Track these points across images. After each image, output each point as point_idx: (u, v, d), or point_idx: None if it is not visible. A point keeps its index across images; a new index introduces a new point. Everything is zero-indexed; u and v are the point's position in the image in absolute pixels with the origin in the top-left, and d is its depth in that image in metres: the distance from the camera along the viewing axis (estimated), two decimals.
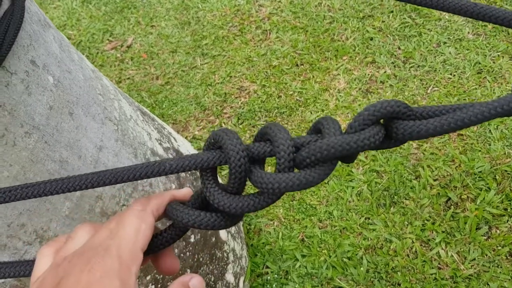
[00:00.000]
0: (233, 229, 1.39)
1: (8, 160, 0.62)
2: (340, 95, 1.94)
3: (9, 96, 0.62)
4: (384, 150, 1.73)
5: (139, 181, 0.94)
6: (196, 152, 1.40)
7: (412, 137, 0.35)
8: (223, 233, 1.27)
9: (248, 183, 0.39)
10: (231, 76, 2.16)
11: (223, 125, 1.98)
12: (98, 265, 0.35)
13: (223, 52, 2.28)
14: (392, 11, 2.21)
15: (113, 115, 0.92)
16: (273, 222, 1.67)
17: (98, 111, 0.85)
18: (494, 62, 1.90)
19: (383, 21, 2.18)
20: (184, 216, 0.40)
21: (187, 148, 1.35)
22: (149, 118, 1.21)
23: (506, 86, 1.81)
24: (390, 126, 0.36)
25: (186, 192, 0.45)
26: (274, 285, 1.51)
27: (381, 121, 0.37)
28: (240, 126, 1.95)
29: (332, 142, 0.34)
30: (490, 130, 1.67)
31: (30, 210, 0.67)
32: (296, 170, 0.37)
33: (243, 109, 2.01)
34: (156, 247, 0.42)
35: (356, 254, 1.53)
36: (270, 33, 2.29)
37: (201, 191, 0.42)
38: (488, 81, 1.85)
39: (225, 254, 1.28)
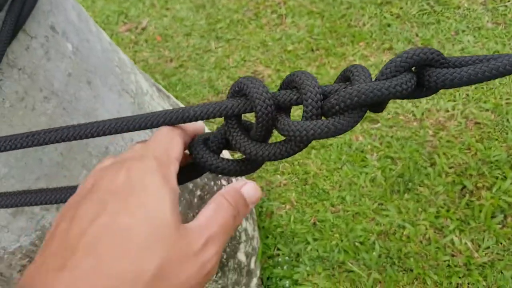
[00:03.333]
0: None
1: (27, 124, 0.62)
2: None
3: (29, 59, 0.61)
4: (399, 137, 1.71)
5: None
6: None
7: (445, 85, 0.34)
8: None
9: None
10: (245, 60, 2.15)
11: None
12: (136, 165, 0.34)
13: (238, 36, 2.26)
14: None
15: (130, 88, 0.91)
16: (285, 206, 1.66)
17: (115, 83, 0.85)
18: None
19: (401, 8, 2.14)
20: (207, 159, 0.40)
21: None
22: (164, 95, 1.20)
23: None
24: (422, 74, 0.36)
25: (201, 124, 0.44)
26: (285, 267, 1.51)
27: (413, 69, 0.36)
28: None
29: (363, 88, 0.33)
30: (507, 119, 1.64)
31: (47, 175, 0.67)
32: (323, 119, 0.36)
33: None
34: (184, 179, 0.42)
35: (369, 239, 1.52)
36: (285, 18, 2.26)
37: (222, 135, 0.42)
38: None
39: (237, 233, 1.28)
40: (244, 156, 0.41)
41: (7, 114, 0.58)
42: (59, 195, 0.43)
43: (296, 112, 1.80)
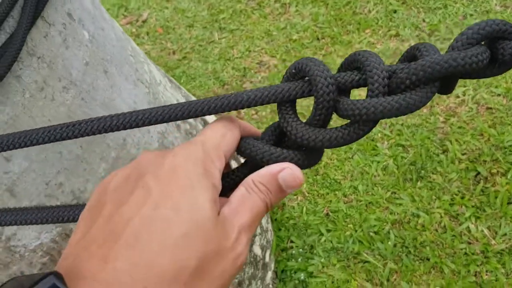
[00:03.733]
0: None
1: (47, 115, 0.59)
2: None
3: (47, 47, 0.58)
4: (409, 124, 1.69)
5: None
6: None
7: None
8: None
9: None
10: (250, 51, 2.11)
11: None
12: (182, 151, 0.33)
13: (241, 26, 2.22)
14: None
15: (144, 78, 0.88)
16: (297, 197, 1.64)
17: (130, 72, 0.82)
18: None
19: None
20: (259, 152, 0.36)
21: (213, 119, 1.32)
22: (176, 86, 1.17)
23: None
24: (496, 47, 0.33)
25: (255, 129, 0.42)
26: (299, 259, 1.49)
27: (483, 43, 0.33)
28: None
29: (437, 59, 0.31)
30: None
31: (67, 169, 0.64)
32: None
33: (263, 83, 1.97)
34: (227, 187, 0.39)
35: (383, 229, 1.50)
36: (289, 7, 2.23)
37: (274, 128, 0.39)
38: None
39: None
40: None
41: (27, 104, 0.55)
42: (65, 213, 0.40)
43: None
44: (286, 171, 0.36)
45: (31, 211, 0.40)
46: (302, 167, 0.37)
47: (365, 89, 0.34)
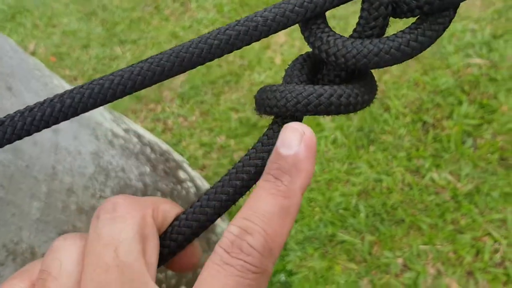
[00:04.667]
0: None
1: None
2: (284, 49, 1.81)
3: None
4: None
5: (110, 167, 0.73)
6: (152, 136, 1.19)
7: None
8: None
9: None
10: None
11: (167, 109, 1.77)
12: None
13: (144, 35, 2.05)
14: None
15: (57, 92, 0.70)
16: None
17: (39, 87, 0.65)
18: None
19: None
20: (299, 97, 0.24)
21: (143, 131, 1.15)
22: None
23: None
24: None
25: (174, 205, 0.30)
26: None
27: None
28: (186, 106, 1.75)
29: None
30: (443, 46, 1.63)
31: None
32: None
33: (184, 88, 1.81)
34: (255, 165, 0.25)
35: (350, 203, 1.41)
36: (189, 3, 2.09)
37: (303, 61, 0.26)
38: None
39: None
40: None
41: None
42: None
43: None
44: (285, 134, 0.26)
45: None
46: (362, 104, 0.24)
47: None
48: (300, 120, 0.26)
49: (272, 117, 0.27)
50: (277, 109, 0.25)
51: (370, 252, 1.34)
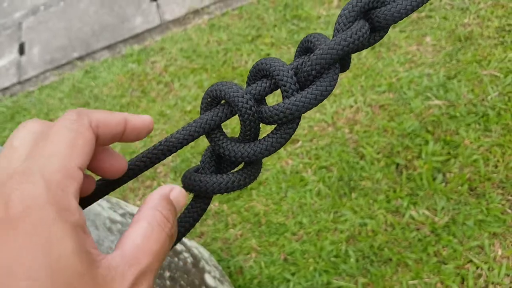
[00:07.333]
0: (217, 273, 1.32)
1: None
2: None
3: None
4: (323, 146, 1.77)
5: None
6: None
7: (394, 19, 0.37)
8: (210, 279, 1.20)
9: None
10: (151, 136, 2.11)
11: (161, 184, 1.90)
12: (15, 196, 0.25)
13: None
14: (275, 25, 2.32)
15: None
16: (250, 255, 1.61)
17: None
18: None
19: (271, 36, 2.28)
20: (209, 186, 0.36)
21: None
22: None
23: None
24: (371, 18, 0.38)
25: (146, 118, 0.35)
26: None
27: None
28: (180, 179, 1.89)
29: (330, 45, 0.35)
30: (404, 92, 1.79)
31: None
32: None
33: (175, 162, 1.96)
34: (184, 227, 0.37)
35: (340, 250, 1.51)
36: (172, 84, 2.28)
37: (210, 154, 0.39)
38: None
39: None
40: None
41: None
42: None
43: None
44: (177, 189, 0.34)
45: None
46: (249, 183, 0.38)
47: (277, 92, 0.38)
48: (211, 196, 0.39)
49: None
50: (195, 191, 0.38)
51: None
